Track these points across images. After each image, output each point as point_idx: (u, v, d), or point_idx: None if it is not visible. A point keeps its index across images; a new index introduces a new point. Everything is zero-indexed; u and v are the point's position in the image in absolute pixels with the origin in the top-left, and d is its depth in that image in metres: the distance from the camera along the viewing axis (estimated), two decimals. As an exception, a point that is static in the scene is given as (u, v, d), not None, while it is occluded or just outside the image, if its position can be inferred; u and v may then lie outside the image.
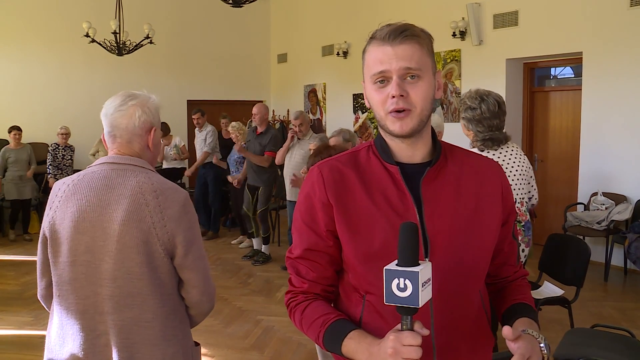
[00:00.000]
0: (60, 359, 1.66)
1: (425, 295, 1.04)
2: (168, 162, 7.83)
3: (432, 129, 1.33)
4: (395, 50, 1.20)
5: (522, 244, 3.03)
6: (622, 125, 5.75)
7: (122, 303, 1.60)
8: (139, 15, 8.47)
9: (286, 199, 6.04)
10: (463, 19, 7.09)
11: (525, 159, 3.04)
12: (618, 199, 5.74)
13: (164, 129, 7.70)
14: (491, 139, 2.92)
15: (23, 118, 8.43)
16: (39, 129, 8.67)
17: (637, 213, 5.56)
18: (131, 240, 1.58)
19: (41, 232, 1.69)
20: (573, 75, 6.81)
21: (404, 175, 1.27)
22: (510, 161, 2.95)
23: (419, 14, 7.48)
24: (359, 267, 1.27)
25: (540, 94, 7.00)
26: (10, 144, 7.49)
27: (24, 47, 8.86)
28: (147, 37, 7.60)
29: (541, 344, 1.17)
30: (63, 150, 7.65)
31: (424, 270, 1.05)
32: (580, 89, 6.17)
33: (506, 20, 6.72)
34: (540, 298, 3.50)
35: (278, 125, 10.16)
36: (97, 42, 7.50)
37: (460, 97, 2.97)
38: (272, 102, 11.11)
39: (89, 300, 1.62)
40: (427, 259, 1.20)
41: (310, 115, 10.07)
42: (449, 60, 7.44)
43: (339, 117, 9.21)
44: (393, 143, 1.29)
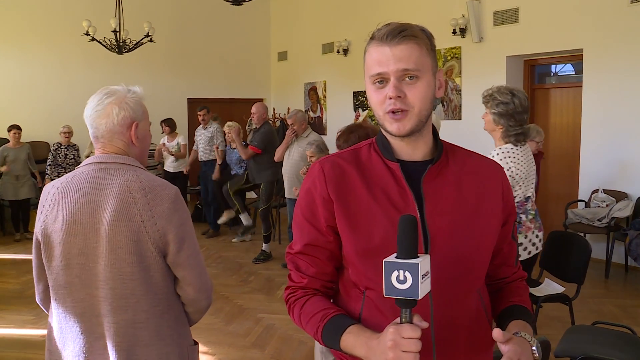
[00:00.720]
0: None
1: (424, 287, 1.04)
2: (170, 165, 7.73)
3: (434, 127, 1.33)
4: (393, 51, 1.20)
5: (535, 230, 3.13)
6: (623, 122, 5.75)
7: (117, 305, 1.58)
8: (138, 13, 8.47)
9: (285, 196, 6.06)
10: (463, 16, 7.08)
11: None
12: (619, 196, 5.73)
13: (170, 126, 7.68)
14: (522, 133, 3.00)
15: (23, 117, 8.42)
16: (39, 128, 8.66)
17: (638, 210, 5.55)
18: (121, 240, 1.56)
19: (34, 237, 1.68)
20: (574, 73, 6.80)
21: (404, 173, 1.27)
22: (530, 155, 3.08)
23: (419, 11, 7.48)
24: (358, 263, 1.27)
25: (541, 91, 6.99)
26: (10, 142, 7.45)
27: (24, 46, 8.86)
28: (147, 36, 7.61)
29: (533, 347, 1.18)
30: (65, 150, 7.61)
31: (423, 262, 1.05)
32: (581, 86, 6.15)
33: (506, 17, 6.70)
34: (541, 295, 3.50)
35: (278, 123, 10.16)
36: (97, 41, 7.50)
37: (484, 94, 3.02)
38: (273, 100, 11.11)
39: (85, 302, 1.61)
40: (427, 254, 1.20)
41: (311, 113, 10.06)
42: (449, 57, 7.43)
43: (340, 115, 9.20)
44: (394, 141, 1.30)
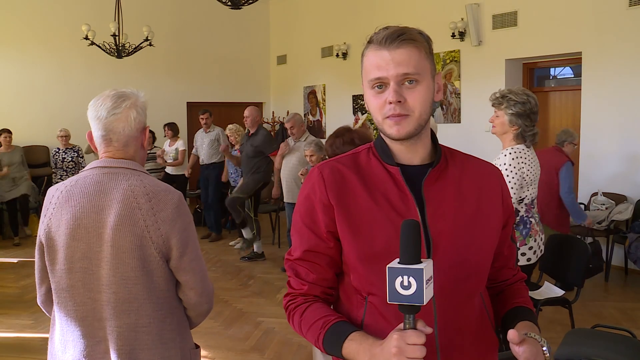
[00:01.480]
0: None
1: (428, 292, 1.04)
2: (169, 167, 7.78)
3: (432, 131, 1.33)
4: (392, 55, 1.19)
5: (540, 233, 3.12)
6: (622, 125, 5.75)
7: (120, 309, 1.59)
8: (138, 17, 8.47)
9: (284, 201, 6.05)
10: (462, 19, 7.09)
11: None
12: (618, 199, 5.73)
13: (173, 130, 7.75)
14: (537, 134, 2.99)
15: (22, 121, 8.42)
16: (38, 131, 8.65)
17: (638, 213, 5.55)
18: (125, 244, 1.57)
19: (37, 239, 1.68)
20: (572, 75, 6.81)
21: (404, 177, 1.27)
22: (536, 158, 3.06)
23: (418, 15, 7.49)
24: (360, 268, 1.26)
25: (540, 94, 6.98)
26: (2, 147, 7.44)
27: (24, 50, 8.85)
28: (147, 40, 7.61)
29: (544, 347, 1.18)
30: (64, 153, 7.65)
31: (427, 267, 1.04)
32: (580, 89, 6.16)
33: (505, 20, 6.72)
34: (541, 298, 3.50)
35: (278, 127, 10.16)
36: (97, 45, 7.50)
37: (495, 96, 3.00)
38: (272, 104, 11.11)
39: (88, 306, 1.61)
40: (430, 259, 1.20)
41: (310, 117, 10.07)
42: (448, 61, 7.44)
43: (339, 119, 9.20)
44: (393, 145, 1.29)
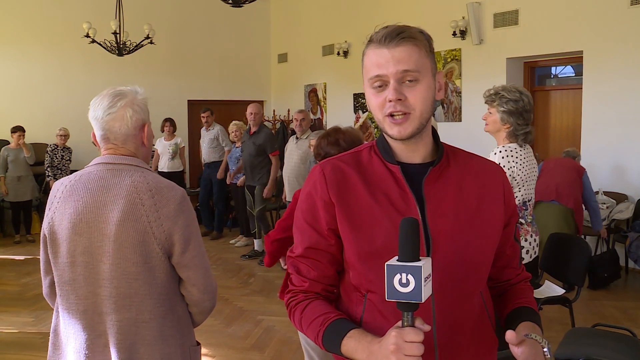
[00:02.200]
0: (63, 356, 1.68)
1: (426, 290, 1.04)
2: (165, 165, 7.61)
3: (435, 130, 1.32)
4: (392, 53, 1.19)
5: (533, 234, 3.07)
6: (623, 124, 5.75)
7: (121, 304, 1.60)
8: (139, 15, 8.46)
9: (286, 199, 6.04)
10: (463, 18, 7.09)
11: None
12: (619, 197, 5.73)
13: (173, 126, 7.75)
14: (530, 132, 2.94)
15: (23, 119, 8.39)
16: (39, 129, 8.63)
17: (638, 212, 5.55)
18: (127, 240, 1.58)
19: (42, 232, 1.70)
20: (574, 74, 6.80)
21: (405, 175, 1.27)
22: (532, 158, 3.01)
23: (419, 13, 7.49)
24: (360, 266, 1.26)
25: (541, 93, 6.99)
26: (12, 144, 7.44)
27: (24, 48, 8.85)
28: (148, 38, 7.60)
29: (544, 349, 1.17)
30: (62, 152, 7.66)
31: (426, 265, 1.04)
32: (581, 88, 6.15)
33: (506, 19, 6.71)
34: (541, 297, 3.50)
35: (279, 125, 10.16)
36: (97, 43, 7.49)
37: (489, 93, 2.95)
38: (273, 102, 11.10)
39: (89, 300, 1.63)
40: (429, 257, 1.20)
41: (311, 115, 10.07)
42: (449, 59, 7.43)
43: (340, 117, 9.19)
44: (394, 143, 1.29)
